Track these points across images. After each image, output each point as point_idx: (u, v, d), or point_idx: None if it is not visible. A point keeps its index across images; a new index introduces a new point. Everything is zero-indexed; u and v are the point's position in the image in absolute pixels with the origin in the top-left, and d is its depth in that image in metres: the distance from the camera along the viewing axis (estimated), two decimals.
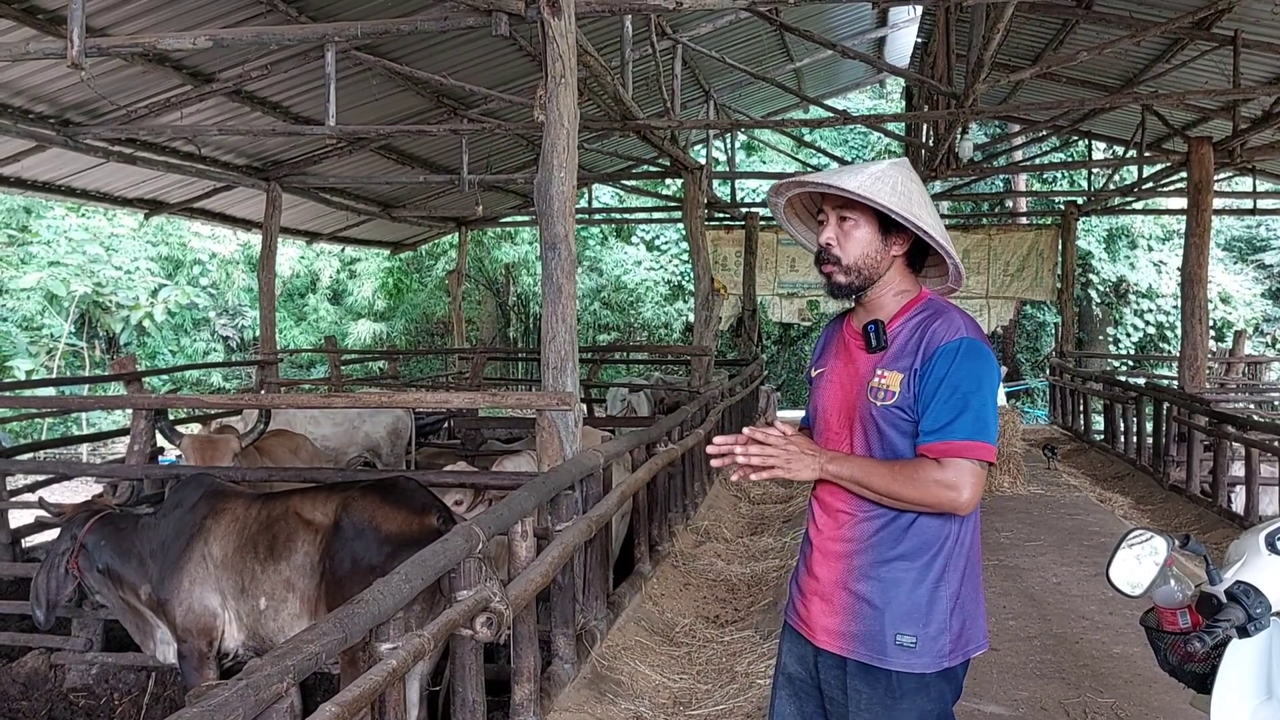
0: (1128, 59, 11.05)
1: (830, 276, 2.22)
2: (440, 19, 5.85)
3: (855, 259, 2.19)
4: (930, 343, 2.12)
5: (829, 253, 2.21)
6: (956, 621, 2.12)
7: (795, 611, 2.31)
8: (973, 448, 2.05)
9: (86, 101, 8.32)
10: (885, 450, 2.15)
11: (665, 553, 6.71)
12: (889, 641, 2.11)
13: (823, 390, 2.30)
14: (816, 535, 2.26)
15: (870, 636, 2.12)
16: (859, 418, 2.19)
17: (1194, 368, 10.63)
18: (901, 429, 2.13)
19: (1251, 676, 1.91)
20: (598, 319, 23.14)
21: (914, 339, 2.16)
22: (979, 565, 2.23)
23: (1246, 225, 22.12)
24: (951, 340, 2.11)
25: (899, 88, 22.38)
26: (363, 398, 6.64)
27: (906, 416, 2.12)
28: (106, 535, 4.42)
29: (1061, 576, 6.40)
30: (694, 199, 11.11)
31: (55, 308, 19.20)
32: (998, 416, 2.19)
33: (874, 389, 2.16)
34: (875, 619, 2.12)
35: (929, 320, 2.17)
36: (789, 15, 10.62)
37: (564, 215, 4.98)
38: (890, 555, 2.13)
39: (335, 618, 2.55)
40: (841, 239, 2.20)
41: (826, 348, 2.37)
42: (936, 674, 2.11)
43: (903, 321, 2.20)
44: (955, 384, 2.07)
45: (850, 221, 2.19)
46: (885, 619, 2.11)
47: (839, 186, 2.14)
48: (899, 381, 2.13)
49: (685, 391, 10.07)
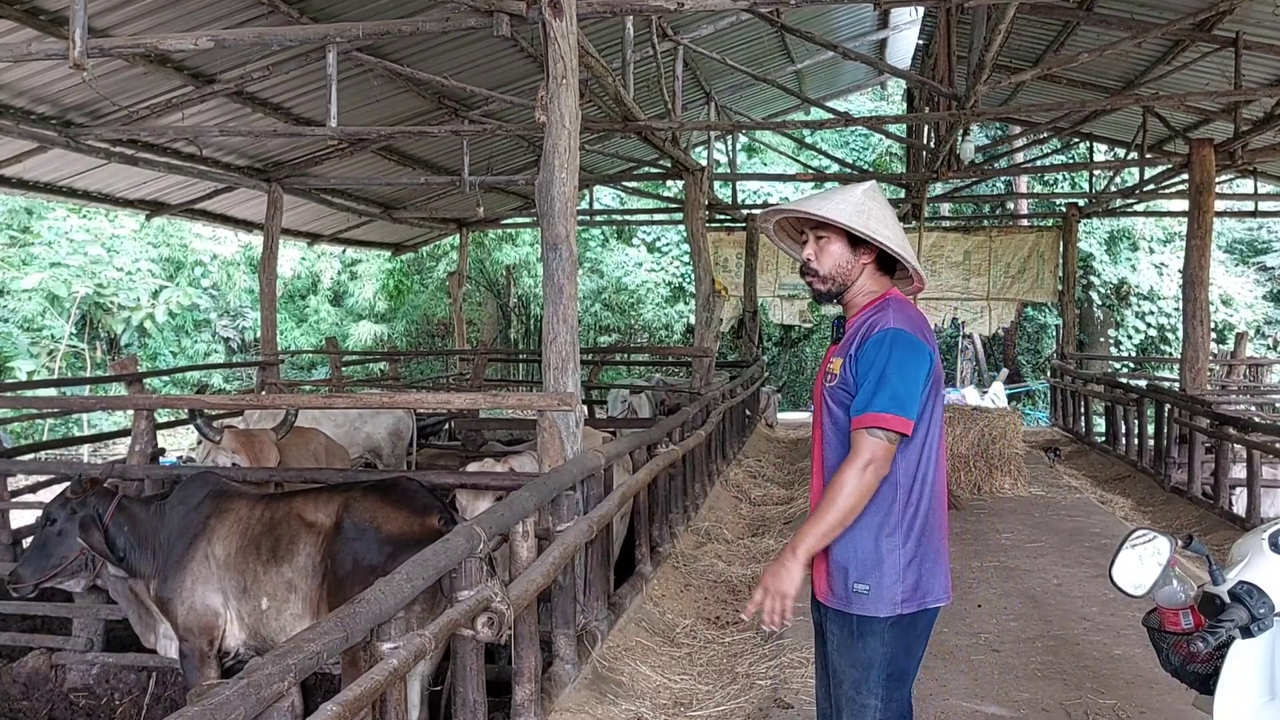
0: (1129, 61, 11.05)
1: (811, 285, 2.68)
2: (441, 20, 5.86)
3: (829, 270, 2.63)
4: (867, 333, 2.55)
5: (809, 266, 2.66)
6: (911, 574, 2.52)
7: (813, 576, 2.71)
8: (886, 418, 2.45)
9: (88, 102, 8.33)
10: (833, 422, 2.60)
11: (666, 554, 6.71)
12: (850, 591, 2.55)
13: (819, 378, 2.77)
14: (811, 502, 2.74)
15: (838, 587, 2.58)
16: (821, 400, 2.65)
17: (1195, 370, 10.63)
18: (844, 405, 2.56)
19: (1255, 677, 1.91)
20: (599, 320, 23.14)
21: (859, 332, 2.58)
22: (941, 528, 2.62)
23: (1248, 227, 22.10)
24: (880, 330, 2.52)
25: (900, 89, 22.37)
26: (364, 398, 6.63)
27: (847, 394, 2.55)
28: (128, 520, 4.40)
29: (1063, 578, 6.39)
30: (695, 200, 11.11)
31: (57, 309, 19.21)
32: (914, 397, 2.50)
33: (827, 374, 2.63)
34: (839, 573, 2.57)
35: (873, 314, 2.59)
36: (790, 17, 10.62)
37: (565, 216, 4.98)
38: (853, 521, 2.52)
39: (336, 617, 2.55)
40: (818, 254, 2.64)
41: None
42: (892, 619, 2.51)
43: (859, 317, 2.62)
44: (881, 367, 2.48)
45: (824, 239, 2.62)
46: (848, 572, 2.54)
47: (808, 212, 2.59)
48: (839, 365, 2.59)
49: (686, 393, 10.07)
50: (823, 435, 2.66)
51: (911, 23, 13.38)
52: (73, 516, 4.41)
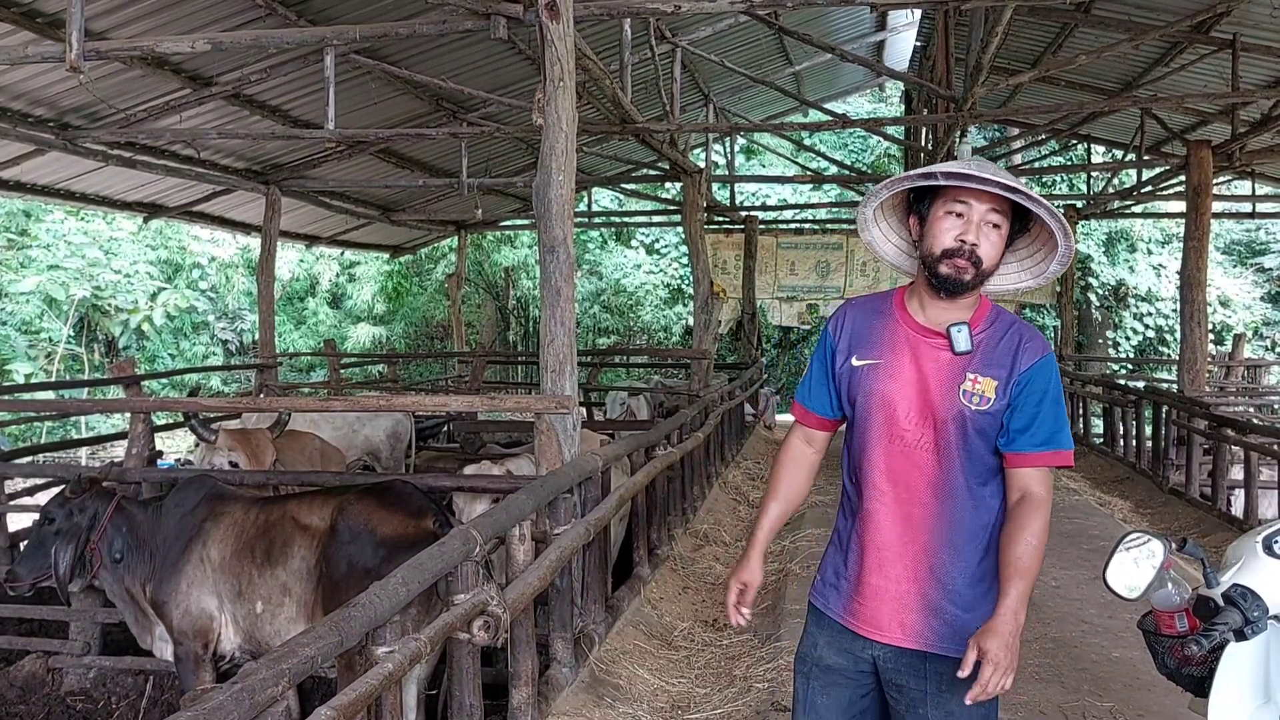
0: (1127, 62, 11.06)
1: (960, 273, 2.15)
2: (439, 22, 5.86)
3: (991, 262, 2.17)
4: (1028, 353, 2.17)
5: (973, 252, 2.14)
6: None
7: (846, 609, 2.30)
8: (1070, 455, 2.18)
9: (86, 105, 8.33)
10: (968, 449, 2.18)
11: (664, 556, 6.70)
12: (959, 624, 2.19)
13: (884, 383, 2.23)
14: (877, 531, 2.25)
15: (958, 632, 2.16)
16: (948, 418, 2.17)
17: (1193, 371, 10.63)
18: (988, 434, 2.17)
19: (1249, 680, 1.90)
20: (597, 322, 23.14)
21: (1002, 347, 2.19)
22: None
23: (1246, 229, 22.12)
24: (1048, 353, 2.20)
25: (898, 91, 22.39)
26: (361, 401, 6.63)
27: (996, 423, 2.16)
28: (126, 521, 4.40)
29: (1060, 580, 6.39)
30: (693, 202, 11.12)
31: (54, 311, 19.20)
32: None
33: (967, 392, 2.16)
34: (965, 618, 2.17)
35: (1015, 329, 2.22)
36: (788, 19, 10.64)
37: (563, 219, 4.98)
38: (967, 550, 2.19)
39: (331, 621, 2.54)
40: (984, 240, 2.15)
41: (875, 338, 2.29)
42: None
43: (984, 326, 2.22)
44: (1056, 396, 2.16)
45: (999, 229, 2.15)
46: (974, 617, 2.16)
47: (1033, 198, 2.10)
48: (994, 388, 2.15)
49: (685, 395, 10.07)
50: (939, 459, 2.19)
51: (909, 25, 13.41)
52: (71, 516, 4.41)
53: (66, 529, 4.40)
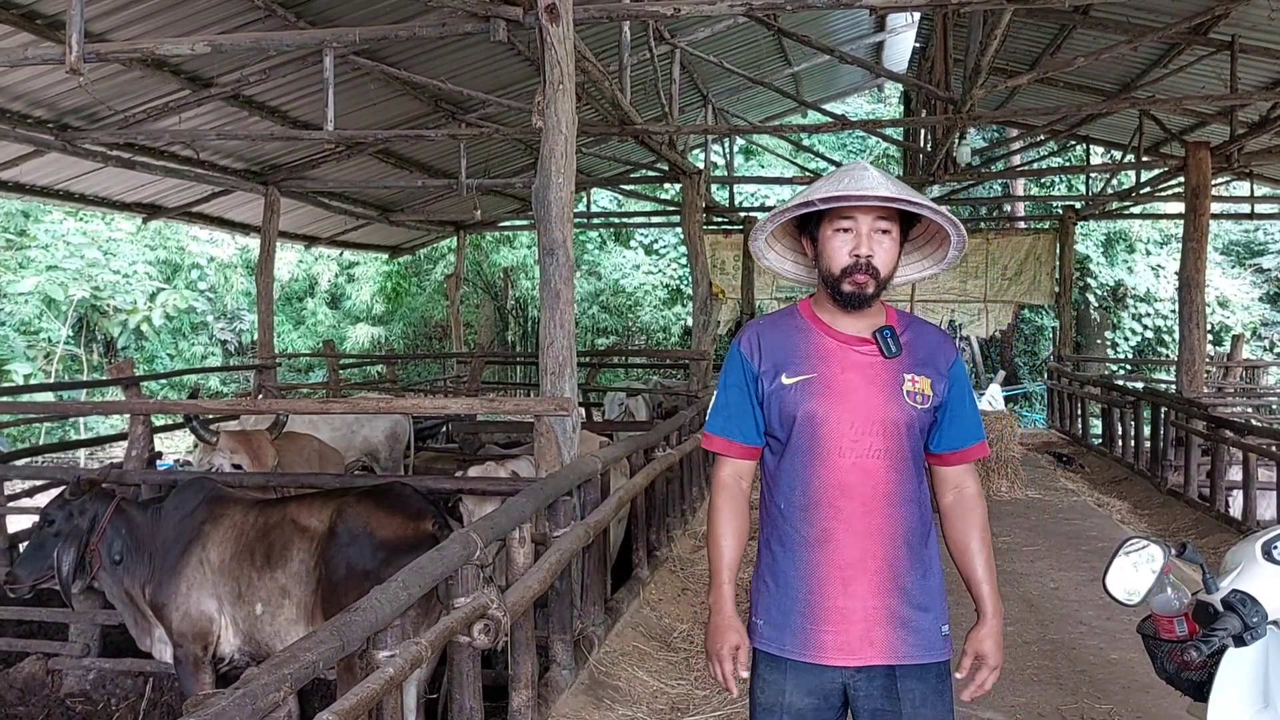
0: (1125, 64, 11.07)
1: (862, 289, 2.14)
2: (438, 24, 5.86)
3: (888, 269, 2.16)
4: (946, 347, 2.26)
5: (869, 264, 2.13)
6: None
7: (807, 645, 2.19)
8: (986, 445, 2.30)
9: (85, 106, 8.33)
10: (913, 451, 2.19)
11: (663, 558, 6.71)
12: (938, 636, 2.19)
13: (823, 397, 2.17)
14: (836, 551, 2.17)
15: (923, 637, 2.16)
16: (899, 421, 2.15)
17: (1192, 372, 10.64)
18: (924, 430, 2.22)
19: (1248, 685, 1.91)
20: (596, 323, 23.13)
21: (925, 344, 2.23)
22: None
23: (1244, 229, 22.13)
24: (952, 345, 2.30)
25: (897, 92, 22.40)
26: (360, 404, 6.63)
27: (929, 420, 2.22)
28: (126, 523, 4.40)
29: (1059, 581, 6.40)
30: (692, 203, 11.13)
31: (53, 312, 19.19)
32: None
33: (910, 393, 2.17)
34: (924, 619, 2.17)
35: (925, 327, 2.30)
36: (787, 20, 10.64)
37: (562, 220, 4.98)
38: (919, 552, 2.19)
39: (332, 626, 2.54)
40: (877, 249, 2.14)
41: (801, 353, 2.22)
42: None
43: (903, 327, 2.23)
44: (970, 390, 2.28)
45: (889, 234, 2.15)
46: (932, 616, 2.18)
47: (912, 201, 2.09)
48: (929, 385, 2.19)
49: (684, 396, 10.07)
50: (890, 465, 2.16)
51: (908, 26, 13.42)
52: (71, 518, 4.41)
53: (66, 531, 4.39)
